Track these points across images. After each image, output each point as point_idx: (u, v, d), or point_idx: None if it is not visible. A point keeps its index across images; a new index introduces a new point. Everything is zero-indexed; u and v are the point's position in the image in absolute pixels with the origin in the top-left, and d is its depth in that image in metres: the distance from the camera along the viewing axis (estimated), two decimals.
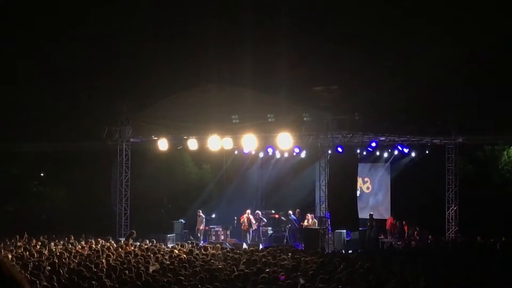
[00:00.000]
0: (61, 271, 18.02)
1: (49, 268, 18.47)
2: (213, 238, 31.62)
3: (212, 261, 20.51)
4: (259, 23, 36.00)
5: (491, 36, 33.85)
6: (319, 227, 28.53)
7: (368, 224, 30.77)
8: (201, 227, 31.90)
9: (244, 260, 20.18)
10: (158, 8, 38.18)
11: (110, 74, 36.47)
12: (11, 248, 24.26)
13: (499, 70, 32.96)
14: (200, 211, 32.25)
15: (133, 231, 28.27)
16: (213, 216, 33.37)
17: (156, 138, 30.82)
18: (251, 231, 31.06)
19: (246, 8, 35.95)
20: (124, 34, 37.70)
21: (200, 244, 28.25)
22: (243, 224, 31.19)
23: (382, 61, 35.26)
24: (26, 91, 36.35)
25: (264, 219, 31.77)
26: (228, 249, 24.63)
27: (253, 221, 31.16)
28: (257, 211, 32.03)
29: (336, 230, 28.76)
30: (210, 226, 32.43)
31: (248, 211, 31.60)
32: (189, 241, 28.65)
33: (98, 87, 35.73)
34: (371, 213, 31.45)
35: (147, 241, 27.13)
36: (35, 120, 35.33)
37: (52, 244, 25.54)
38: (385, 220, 32.47)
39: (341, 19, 36.61)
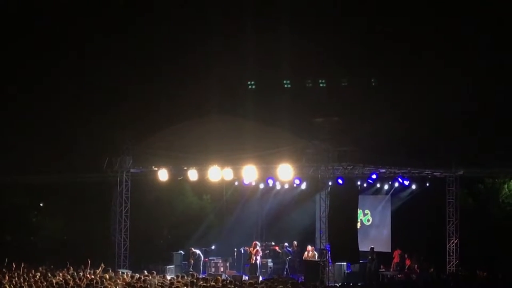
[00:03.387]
0: None
1: None
2: (213, 269, 31.46)
3: None
4: (260, 54, 36.16)
5: (491, 67, 33.97)
6: (319, 259, 28.40)
7: (370, 257, 30.60)
8: (192, 262, 31.81)
9: None
10: (159, 39, 38.37)
11: (111, 104, 36.54)
12: (10, 278, 24.09)
13: (499, 102, 33.04)
14: (192, 248, 32.09)
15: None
16: (213, 247, 33.25)
17: (156, 168, 30.80)
18: (256, 262, 30.82)
19: (247, 38, 36.14)
20: (124, 64, 37.83)
21: (200, 276, 28.07)
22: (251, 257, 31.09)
23: (382, 93, 35.39)
24: (26, 122, 36.39)
25: (259, 250, 31.50)
26: (227, 281, 24.47)
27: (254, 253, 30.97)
28: (255, 242, 31.85)
29: (337, 263, 28.64)
30: (210, 258, 32.30)
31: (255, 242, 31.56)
32: (189, 273, 28.48)
33: (98, 117, 35.77)
34: (372, 246, 31.26)
35: (146, 272, 26.97)
36: (35, 150, 35.31)
37: (51, 275, 25.37)
38: (387, 252, 32.28)
39: (342, 50, 36.77)
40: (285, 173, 28.09)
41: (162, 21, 38.44)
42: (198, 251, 32.05)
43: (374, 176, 30.30)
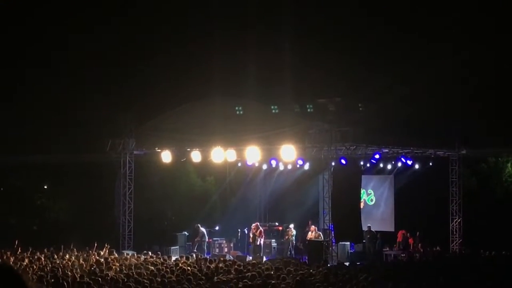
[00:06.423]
0: (65, 284, 17.96)
1: (53, 281, 18.42)
2: (217, 250, 31.59)
3: (215, 273, 20.46)
4: (263, 36, 36.09)
5: (495, 48, 33.87)
6: (323, 240, 28.50)
7: (368, 236, 30.67)
8: (196, 239, 31.87)
9: (248, 273, 20.12)
10: (162, 21, 38.27)
11: (114, 86, 36.50)
12: (15, 261, 24.20)
13: (503, 82, 32.98)
14: (199, 226, 32.13)
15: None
16: (217, 228, 33.36)
17: (159, 150, 30.87)
18: (258, 243, 30.90)
19: (250, 20, 36.05)
20: (128, 47, 37.77)
21: (204, 256, 28.19)
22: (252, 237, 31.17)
23: (386, 73, 35.29)
24: (29, 103, 36.35)
25: (263, 231, 31.61)
26: (231, 261, 24.57)
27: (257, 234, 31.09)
28: (253, 224, 31.94)
29: (340, 242, 28.74)
30: (214, 239, 32.42)
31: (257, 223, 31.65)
32: (193, 254, 28.62)
33: (101, 99, 35.74)
34: (369, 225, 31.34)
35: (150, 253, 27.12)
36: (39, 132, 35.30)
37: (56, 257, 25.49)
38: (390, 232, 32.37)
39: (345, 31, 36.68)
40: (288, 153, 28.13)
41: (163, 3, 38.33)
42: (204, 230, 32.10)
43: (377, 156, 30.29)
